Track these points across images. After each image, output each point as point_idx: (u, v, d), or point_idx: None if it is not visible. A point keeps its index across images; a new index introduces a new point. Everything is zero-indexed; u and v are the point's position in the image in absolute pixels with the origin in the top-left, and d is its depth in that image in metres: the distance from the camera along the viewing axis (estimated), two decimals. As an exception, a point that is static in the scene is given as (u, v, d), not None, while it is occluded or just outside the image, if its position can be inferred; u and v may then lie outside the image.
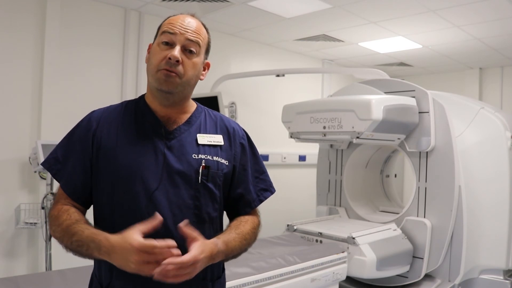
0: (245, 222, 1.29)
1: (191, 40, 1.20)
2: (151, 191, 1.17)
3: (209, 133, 1.28)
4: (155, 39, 1.25)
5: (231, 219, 1.35)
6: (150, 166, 1.18)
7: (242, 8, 3.65)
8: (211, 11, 3.74)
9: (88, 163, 1.21)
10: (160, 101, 1.24)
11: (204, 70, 1.29)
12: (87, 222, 1.14)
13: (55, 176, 1.24)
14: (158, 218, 1.07)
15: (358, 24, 3.97)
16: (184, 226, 1.09)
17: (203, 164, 1.21)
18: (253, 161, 1.37)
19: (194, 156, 1.22)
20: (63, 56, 3.36)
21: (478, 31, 4.04)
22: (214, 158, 1.24)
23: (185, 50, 1.19)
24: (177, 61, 1.16)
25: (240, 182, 1.32)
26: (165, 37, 1.19)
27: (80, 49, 3.47)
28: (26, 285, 1.88)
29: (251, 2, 3.51)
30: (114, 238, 1.05)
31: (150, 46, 1.27)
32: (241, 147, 1.33)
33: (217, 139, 1.28)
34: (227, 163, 1.27)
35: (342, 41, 4.58)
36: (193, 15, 1.26)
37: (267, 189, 1.39)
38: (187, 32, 1.20)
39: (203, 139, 1.26)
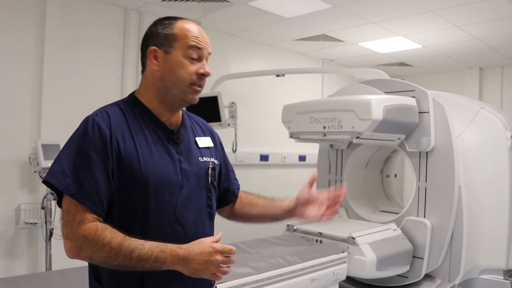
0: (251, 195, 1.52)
1: (209, 53, 1.28)
2: (177, 196, 1.21)
3: (199, 136, 1.36)
4: (165, 45, 1.22)
5: (218, 208, 1.46)
6: (171, 171, 1.21)
7: (242, 8, 3.65)
8: (211, 11, 3.74)
9: (110, 173, 1.14)
10: (171, 108, 1.27)
11: None
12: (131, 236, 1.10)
13: (65, 191, 1.11)
14: (219, 234, 1.17)
15: (358, 24, 3.97)
16: None
17: (211, 166, 1.31)
18: (225, 156, 1.49)
19: (200, 159, 1.30)
20: (63, 56, 3.36)
21: (478, 31, 4.04)
22: (211, 159, 1.34)
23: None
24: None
25: (226, 177, 1.46)
26: (195, 53, 1.23)
27: (80, 49, 3.47)
28: (26, 285, 1.88)
29: (251, 2, 3.51)
30: (187, 245, 1.11)
31: (154, 51, 1.23)
32: (220, 146, 1.46)
33: (209, 141, 1.38)
34: (217, 162, 1.38)
35: (342, 41, 4.58)
36: (193, 21, 1.29)
37: (236, 178, 1.54)
38: (208, 46, 1.27)
39: (201, 142, 1.34)
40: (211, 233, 1.28)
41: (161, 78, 1.23)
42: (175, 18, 1.26)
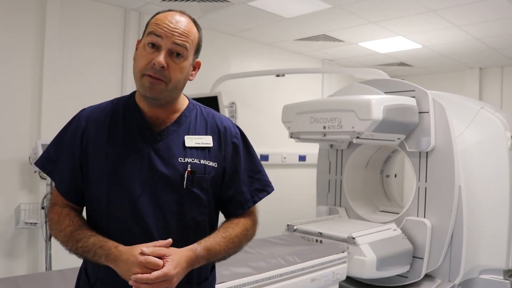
0: (235, 225, 1.25)
1: (178, 44, 1.13)
2: (135, 197, 1.15)
3: (198, 134, 1.23)
4: (143, 35, 1.19)
5: (227, 218, 1.32)
6: (135, 170, 1.16)
7: (242, 8, 3.65)
8: (211, 11, 3.74)
9: (77, 163, 1.19)
10: (147, 103, 1.21)
11: (194, 70, 1.24)
12: (89, 228, 1.15)
13: (49, 175, 1.24)
14: (167, 240, 1.11)
15: (358, 24, 3.97)
16: (157, 246, 1.10)
17: (189, 169, 1.17)
18: (247, 160, 1.31)
19: (180, 159, 1.17)
20: (63, 56, 3.36)
21: (478, 31, 4.04)
22: (202, 161, 1.19)
23: (172, 54, 1.14)
24: (162, 67, 1.12)
25: (231, 183, 1.27)
26: (151, 39, 1.14)
27: (80, 49, 3.47)
28: (26, 285, 1.88)
29: (251, 2, 3.51)
30: (123, 248, 1.09)
31: (138, 42, 1.21)
32: (233, 146, 1.27)
33: (206, 141, 1.22)
34: (216, 165, 1.22)
35: (342, 41, 4.58)
36: (183, 12, 1.20)
37: (263, 189, 1.32)
38: (174, 35, 1.13)
39: (191, 141, 1.21)
40: (181, 242, 1.14)
41: (133, 70, 1.22)
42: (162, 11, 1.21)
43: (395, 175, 4.05)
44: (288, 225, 3.17)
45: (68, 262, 1.93)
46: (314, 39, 4.58)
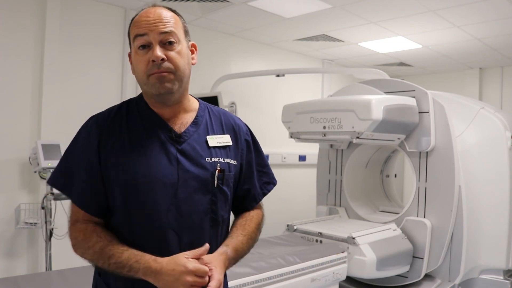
0: (250, 220, 1.30)
1: (166, 32, 1.12)
2: (169, 199, 1.13)
3: (216, 133, 1.24)
4: (130, 46, 1.19)
5: (236, 214, 1.33)
6: (165, 172, 1.13)
7: (242, 8, 3.65)
8: (211, 11, 3.74)
9: (97, 173, 1.13)
10: (163, 103, 1.19)
11: (193, 53, 1.23)
12: (120, 242, 1.11)
13: (64, 191, 1.17)
14: (205, 247, 1.11)
15: (358, 24, 3.97)
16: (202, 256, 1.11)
17: (218, 168, 1.19)
18: (256, 155, 1.35)
19: (207, 159, 1.18)
20: (63, 56, 3.36)
21: (478, 31, 4.04)
22: (225, 160, 1.22)
23: (165, 44, 1.13)
24: (162, 59, 1.11)
25: (247, 179, 1.31)
26: (139, 41, 1.13)
27: (80, 49, 3.47)
28: (26, 285, 1.88)
29: (251, 2, 3.51)
30: (163, 259, 1.06)
31: (129, 56, 1.21)
32: (246, 143, 1.32)
33: (226, 140, 1.25)
34: (235, 163, 1.25)
35: (342, 41, 4.58)
36: (155, 5, 1.19)
37: (270, 182, 1.39)
38: (158, 26, 1.12)
39: (213, 141, 1.22)
40: (214, 241, 1.18)
41: (137, 80, 1.21)
42: (137, 15, 1.18)
43: (395, 175, 4.05)
44: (288, 225, 3.17)
45: (68, 262, 1.94)
46: (314, 39, 4.58)
